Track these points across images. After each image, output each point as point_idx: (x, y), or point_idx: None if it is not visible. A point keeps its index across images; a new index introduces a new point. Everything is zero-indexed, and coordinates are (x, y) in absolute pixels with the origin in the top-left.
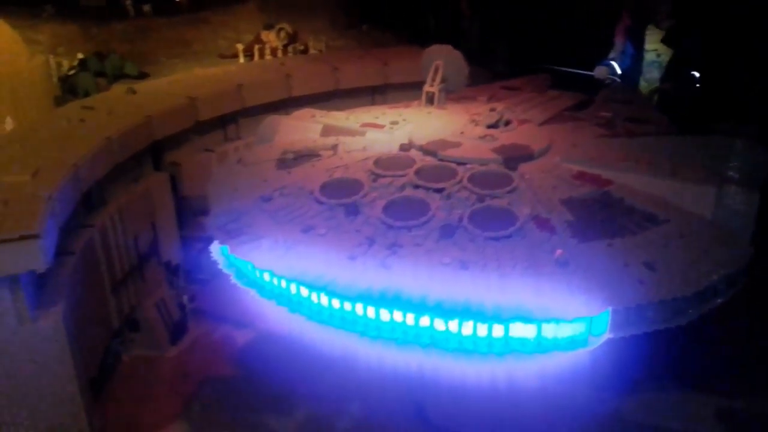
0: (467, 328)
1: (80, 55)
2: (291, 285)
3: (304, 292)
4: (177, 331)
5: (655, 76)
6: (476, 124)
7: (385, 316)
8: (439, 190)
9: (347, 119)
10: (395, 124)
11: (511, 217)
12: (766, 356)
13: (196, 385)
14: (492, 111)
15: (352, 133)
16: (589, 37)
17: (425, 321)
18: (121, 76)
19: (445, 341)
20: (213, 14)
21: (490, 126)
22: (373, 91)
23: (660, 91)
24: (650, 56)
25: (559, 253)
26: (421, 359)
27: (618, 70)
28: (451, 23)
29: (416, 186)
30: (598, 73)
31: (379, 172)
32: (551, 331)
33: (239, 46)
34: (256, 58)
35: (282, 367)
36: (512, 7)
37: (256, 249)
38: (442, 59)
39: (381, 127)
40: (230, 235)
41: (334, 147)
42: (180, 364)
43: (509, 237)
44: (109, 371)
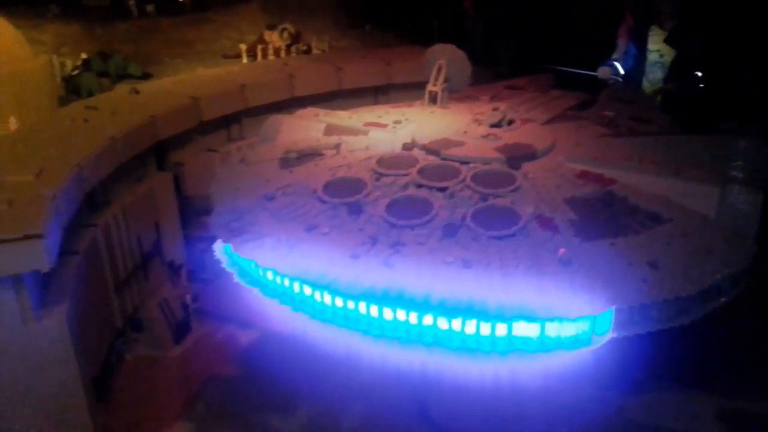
0: (470, 327)
1: (84, 55)
2: (294, 283)
3: (307, 290)
4: (180, 330)
5: (658, 76)
6: (479, 124)
7: (388, 314)
8: (442, 189)
9: (350, 118)
10: (398, 123)
11: (514, 216)
12: None
13: (199, 385)
14: (495, 110)
15: (355, 132)
16: (593, 38)
17: (428, 320)
18: (124, 76)
19: (448, 340)
20: (216, 14)
21: (493, 125)
22: (376, 91)
23: (663, 92)
24: (653, 57)
25: (562, 252)
26: (424, 358)
27: (621, 71)
28: (454, 23)
29: (419, 185)
30: (602, 74)
31: (382, 171)
32: (554, 330)
33: (242, 47)
34: (259, 58)
35: (285, 367)
36: (516, 8)
37: (259, 247)
38: (445, 59)
39: (384, 127)
40: (233, 234)
41: (337, 146)
42: (183, 363)
43: (512, 236)
44: (113, 371)
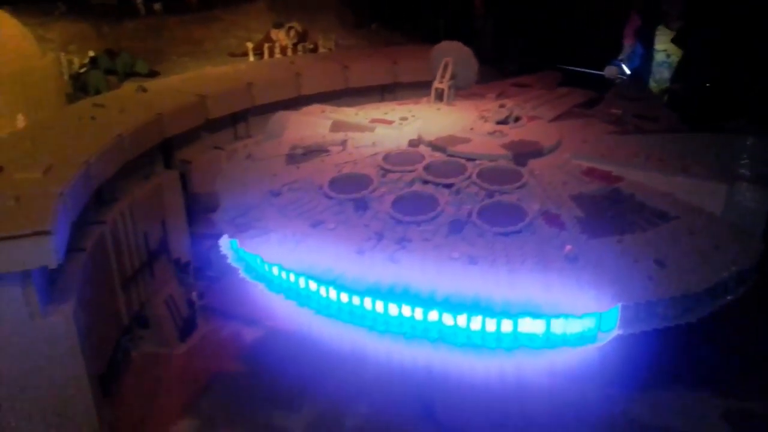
0: (476, 323)
1: (91, 53)
2: (300, 279)
3: (313, 286)
4: (186, 328)
5: (665, 76)
6: (486, 120)
7: (393, 310)
8: (448, 186)
9: (356, 115)
10: (404, 120)
11: (520, 213)
12: None
13: (204, 382)
14: (501, 107)
15: (361, 128)
16: (600, 38)
17: (434, 316)
18: (131, 74)
19: (453, 336)
20: (223, 13)
21: (499, 122)
22: (382, 89)
23: (670, 91)
24: (660, 57)
25: (568, 248)
26: (429, 355)
27: (627, 71)
28: (460, 21)
29: (425, 181)
30: (608, 73)
31: (388, 167)
32: (560, 326)
33: (249, 45)
34: (266, 56)
35: (291, 365)
36: (524, 7)
37: (265, 243)
38: (452, 56)
39: (390, 123)
40: (239, 229)
41: (343, 142)
42: (189, 361)
43: (518, 232)
44: (119, 368)
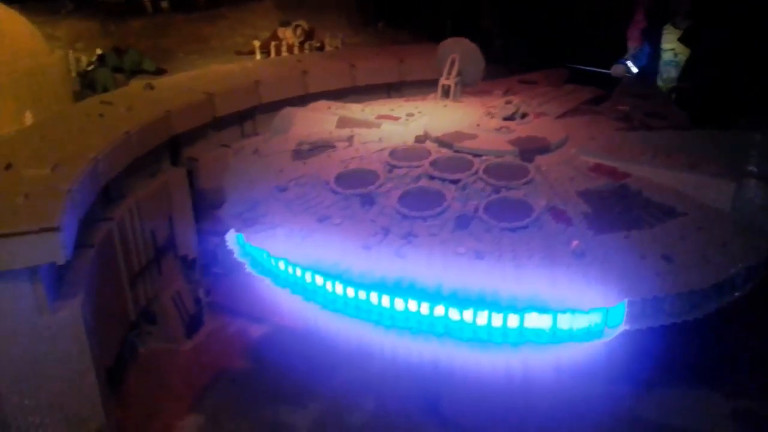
0: (482, 318)
1: (99, 51)
2: (306, 274)
3: (319, 280)
4: (193, 324)
5: (672, 75)
6: (492, 117)
7: (399, 305)
8: (455, 181)
9: (363, 111)
10: (411, 116)
11: (527, 208)
12: None
13: (211, 378)
14: (508, 103)
15: (367, 124)
16: (608, 36)
17: (440, 310)
18: (139, 71)
19: (459, 331)
20: (230, 11)
21: (506, 118)
22: (389, 88)
23: (677, 90)
24: (668, 56)
25: (575, 244)
26: (435, 351)
27: (634, 69)
28: (467, 20)
29: (432, 177)
30: (615, 72)
31: (395, 163)
32: (567, 321)
33: (256, 43)
34: (272, 54)
35: (297, 361)
36: (531, 6)
37: (271, 237)
38: (458, 52)
39: (397, 119)
40: (246, 224)
41: (350, 138)
42: (195, 357)
43: (525, 228)
44: (126, 363)
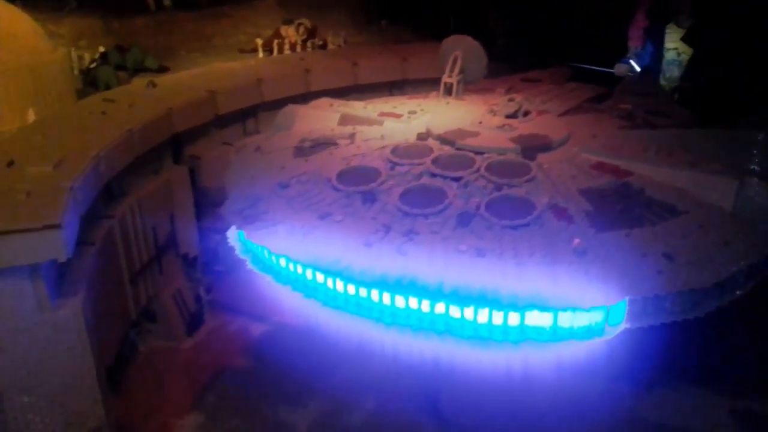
0: (483, 316)
1: (101, 49)
2: (307, 270)
3: (320, 277)
4: (193, 322)
5: (675, 74)
6: (495, 114)
7: (400, 302)
8: (457, 179)
9: (365, 109)
10: (413, 113)
11: (528, 206)
12: None
13: (211, 376)
14: (511, 101)
15: (369, 122)
16: (611, 36)
17: (441, 308)
18: (141, 69)
19: (460, 329)
20: (233, 9)
21: (508, 116)
22: (391, 86)
23: (680, 89)
24: (671, 55)
25: (577, 242)
26: (435, 349)
27: (637, 68)
28: (470, 18)
29: (433, 174)
30: (618, 71)
31: (397, 160)
32: (568, 319)
33: (259, 41)
34: (275, 52)
35: (297, 360)
36: (534, 6)
37: (272, 234)
38: (461, 50)
39: (399, 117)
40: (247, 221)
41: (352, 136)
42: (196, 355)
43: (527, 225)
44: (126, 361)
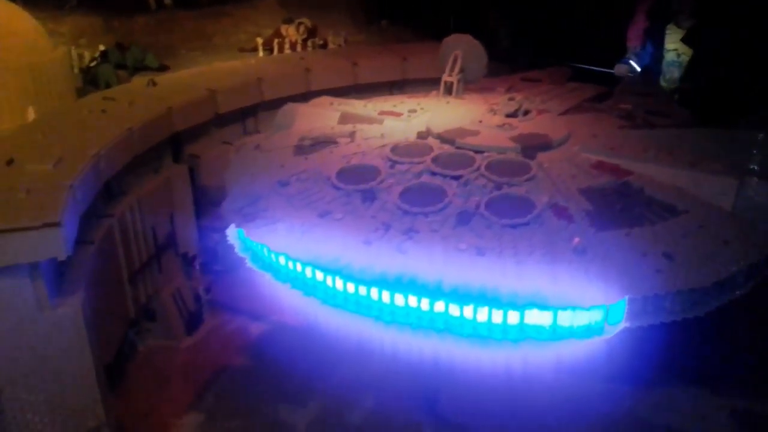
0: (482, 315)
1: (102, 47)
2: (306, 269)
3: (320, 275)
4: (193, 321)
5: (675, 76)
6: (495, 113)
7: (400, 300)
8: (457, 178)
9: (365, 107)
10: (413, 112)
11: (528, 205)
12: None
13: (210, 376)
14: (511, 100)
15: (369, 120)
16: (611, 36)
17: (440, 306)
18: (141, 68)
19: (459, 327)
20: (234, 8)
21: (508, 115)
22: (391, 86)
23: (680, 91)
24: (671, 56)
25: (576, 241)
26: (434, 348)
27: (638, 68)
28: (470, 19)
29: (433, 173)
30: (618, 71)
31: (396, 159)
32: (567, 318)
33: (259, 40)
34: (275, 52)
35: (296, 359)
36: (534, 5)
37: (272, 232)
38: (461, 49)
39: (399, 115)
40: (246, 219)
41: (352, 134)
42: (195, 354)
43: (527, 224)
44: (125, 360)
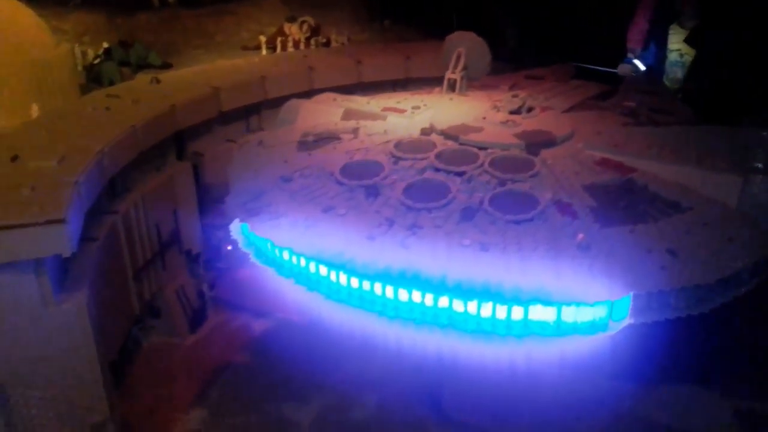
0: (486, 310)
1: (105, 45)
2: (310, 264)
3: (323, 270)
4: (196, 318)
5: (679, 76)
6: (498, 110)
7: (403, 296)
8: (460, 174)
9: (368, 104)
10: (417, 109)
11: (532, 201)
12: None
13: (214, 373)
14: (514, 97)
15: (373, 117)
16: (615, 35)
17: (444, 302)
18: (145, 65)
19: (463, 323)
20: (237, 6)
21: (512, 112)
22: (394, 84)
23: (684, 91)
24: (674, 56)
25: (580, 237)
26: (438, 345)
27: (642, 67)
28: (474, 17)
29: (437, 169)
30: (622, 71)
31: (400, 155)
32: (571, 314)
33: (262, 38)
34: (278, 50)
35: (300, 357)
36: (538, 4)
37: (276, 227)
38: (465, 46)
39: (402, 112)
40: (250, 213)
41: (355, 130)
42: (199, 351)
43: (530, 220)
44: (129, 357)
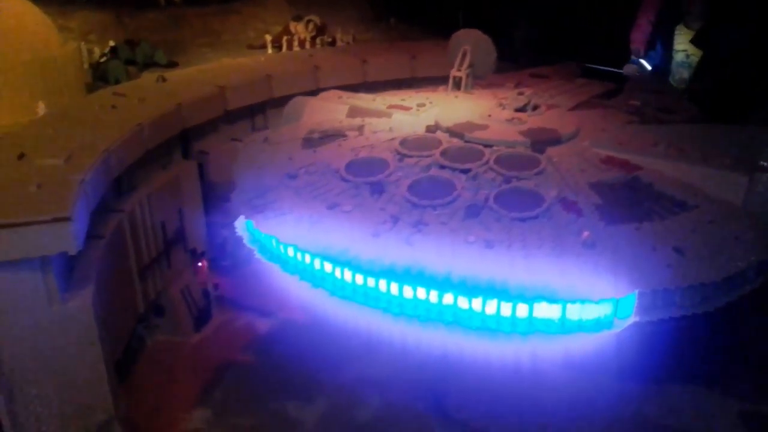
0: (491, 307)
1: (111, 43)
2: (315, 260)
3: (328, 267)
4: (201, 317)
5: (684, 77)
6: (504, 108)
7: (408, 293)
8: (465, 171)
9: (374, 101)
10: (422, 106)
11: (537, 199)
12: None
13: (218, 372)
14: (520, 95)
15: (378, 114)
16: (620, 35)
17: (449, 299)
18: (151, 64)
19: (468, 320)
20: (242, 5)
21: (517, 110)
22: (399, 83)
23: (690, 92)
24: (680, 57)
25: (586, 234)
26: (442, 342)
27: (648, 67)
28: (479, 16)
29: (442, 166)
30: (627, 71)
31: (405, 152)
32: (576, 311)
33: (268, 37)
34: (284, 49)
35: (304, 356)
36: (544, 3)
37: (281, 224)
38: (470, 44)
39: (408, 109)
40: (256, 210)
41: (360, 128)
42: (203, 350)
43: (535, 218)
44: (134, 355)
